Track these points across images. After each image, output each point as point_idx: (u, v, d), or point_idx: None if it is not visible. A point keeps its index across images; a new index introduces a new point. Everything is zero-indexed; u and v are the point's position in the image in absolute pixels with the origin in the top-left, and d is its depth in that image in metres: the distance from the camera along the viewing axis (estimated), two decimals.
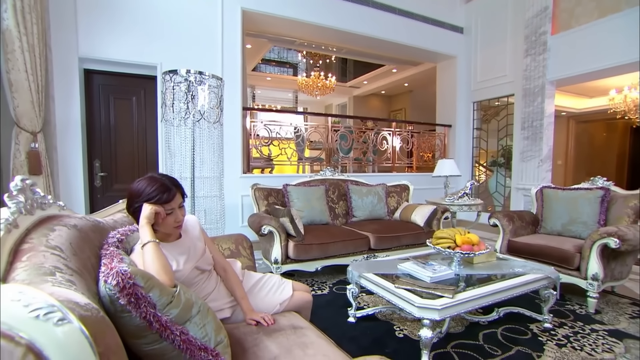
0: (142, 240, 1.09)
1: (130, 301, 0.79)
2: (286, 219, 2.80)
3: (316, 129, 4.88)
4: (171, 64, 3.63)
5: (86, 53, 3.35)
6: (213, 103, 2.49)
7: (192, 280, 1.31)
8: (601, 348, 1.94)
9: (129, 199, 1.19)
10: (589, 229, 2.71)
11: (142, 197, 1.16)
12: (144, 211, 1.14)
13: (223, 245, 1.95)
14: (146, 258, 1.05)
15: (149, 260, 1.04)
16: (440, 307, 1.59)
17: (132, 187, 1.19)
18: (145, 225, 1.11)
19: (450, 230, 2.18)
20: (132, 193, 1.18)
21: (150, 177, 1.20)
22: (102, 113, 3.64)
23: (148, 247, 1.07)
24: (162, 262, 1.04)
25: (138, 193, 1.16)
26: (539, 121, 4.59)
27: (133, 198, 1.17)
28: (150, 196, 1.17)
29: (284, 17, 4.32)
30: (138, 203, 1.15)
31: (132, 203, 1.17)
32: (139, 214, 1.14)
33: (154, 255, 1.04)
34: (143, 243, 1.08)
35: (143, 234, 1.10)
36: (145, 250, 1.06)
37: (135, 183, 1.19)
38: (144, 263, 1.04)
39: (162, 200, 1.18)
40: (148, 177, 1.20)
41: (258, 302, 1.49)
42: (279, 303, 1.51)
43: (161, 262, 1.03)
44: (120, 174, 3.74)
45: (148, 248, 1.06)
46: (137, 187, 1.18)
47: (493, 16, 5.26)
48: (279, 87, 10.15)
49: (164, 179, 1.21)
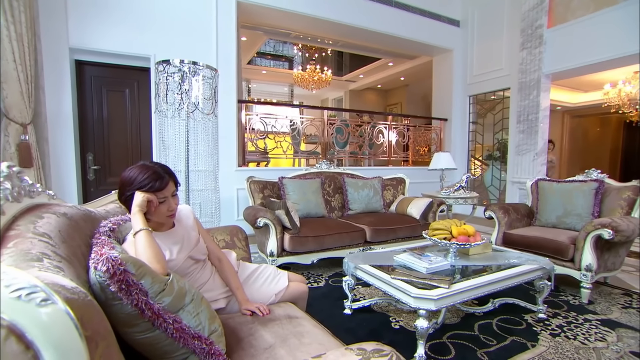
0: (134, 229, 1.07)
1: (122, 288, 0.77)
2: (282, 212, 2.78)
3: (312, 122, 4.85)
4: (165, 55, 3.57)
5: (77, 43, 3.28)
6: (207, 94, 2.46)
7: (186, 270, 1.29)
8: (594, 337, 1.96)
9: (121, 187, 1.16)
10: (584, 221, 2.72)
11: (134, 185, 1.13)
12: (136, 199, 1.11)
13: (218, 236, 1.93)
14: (138, 246, 1.03)
15: (141, 248, 1.02)
16: (437, 297, 1.59)
17: (123, 175, 1.16)
18: (137, 214, 1.09)
19: (446, 221, 2.18)
20: (123, 181, 1.15)
21: (142, 165, 1.17)
22: (94, 105, 3.58)
23: (140, 235, 1.05)
24: (154, 250, 1.02)
25: (130, 181, 1.14)
26: (534, 115, 4.60)
27: (125, 186, 1.15)
28: (142, 184, 1.14)
29: (279, 9, 4.26)
30: (130, 191, 1.13)
31: (124, 191, 1.15)
32: (130, 203, 1.12)
33: (146, 244, 1.02)
34: (135, 231, 1.06)
35: (135, 222, 1.08)
36: (137, 238, 1.04)
37: (126, 171, 1.16)
38: (136, 251, 1.02)
39: (154, 188, 1.16)
40: (140, 164, 1.18)
41: (253, 292, 1.48)
42: (274, 294, 1.50)
43: (153, 250, 1.02)
44: (113, 167, 3.69)
45: (140, 236, 1.04)
46: (128, 174, 1.15)
47: (489, 9, 5.24)
48: (275, 80, 10.07)
49: (156, 166, 1.19)
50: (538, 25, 4.48)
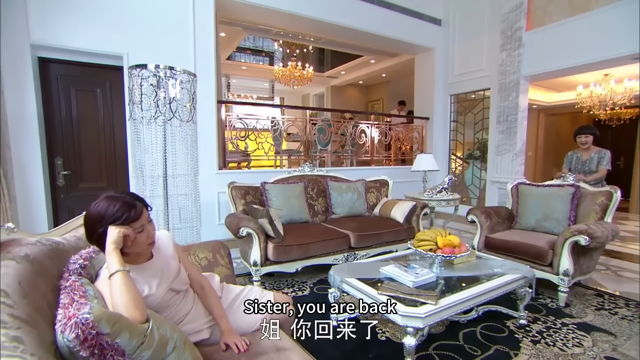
0: (109, 270, 0.98)
1: (94, 353, 0.70)
2: (265, 220, 2.71)
3: (294, 122, 4.76)
4: (139, 54, 3.39)
5: (40, 40, 3.03)
6: (185, 100, 2.33)
7: (166, 303, 1.21)
8: (571, 342, 2.03)
9: (89, 226, 1.06)
10: (561, 225, 2.81)
11: (105, 219, 1.03)
12: (111, 235, 1.02)
13: (200, 254, 1.85)
14: (114, 290, 0.94)
15: (117, 293, 0.93)
16: (424, 315, 1.58)
17: (90, 212, 1.06)
18: (113, 252, 0.99)
19: (431, 231, 2.18)
20: (91, 218, 1.05)
21: (108, 197, 1.08)
22: (62, 106, 3.34)
23: (116, 277, 0.95)
24: (132, 294, 0.94)
25: (99, 216, 1.03)
26: (513, 116, 4.69)
27: (94, 223, 1.04)
28: (115, 216, 1.05)
29: (259, 5, 4.12)
30: (101, 228, 1.03)
31: (95, 229, 1.04)
32: (103, 241, 1.02)
33: (122, 287, 0.94)
34: (111, 273, 0.97)
35: (111, 263, 0.98)
36: (113, 281, 0.95)
37: (91, 207, 1.06)
38: (112, 296, 0.93)
39: (130, 218, 1.07)
40: (105, 197, 1.08)
41: (238, 318, 1.42)
42: (260, 318, 1.44)
43: (131, 295, 0.93)
44: (86, 171, 3.49)
45: (116, 279, 0.95)
46: (96, 210, 1.05)
47: (471, 9, 5.27)
48: (255, 76, 9.84)
49: (123, 195, 1.10)
50: (517, 28, 4.55)
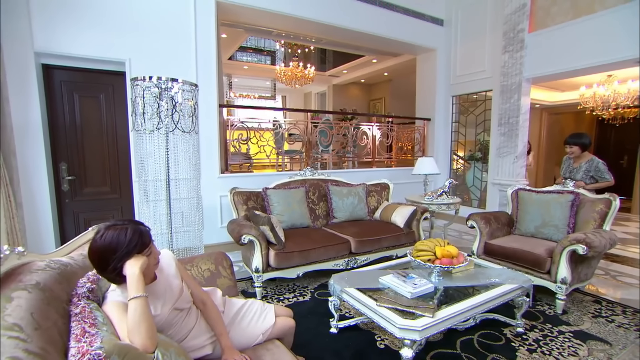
0: (131, 294, 1.00)
1: None
2: (266, 227, 2.75)
3: (295, 125, 4.78)
4: (141, 59, 3.42)
5: (43, 47, 3.06)
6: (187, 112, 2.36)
7: (171, 321, 1.25)
8: (567, 352, 2.06)
9: (103, 259, 1.05)
10: (560, 232, 2.83)
11: (121, 250, 1.05)
12: (137, 263, 1.05)
13: (202, 266, 1.89)
14: (132, 316, 0.96)
15: (135, 321, 0.95)
16: (421, 328, 1.62)
17: (98, 245, 1.05)
18: (140, 277, 1.03)
19: (429, 241, 2.21)
20: (105, 250, 1.05)
21: (111, 226, 1.09)
22: (66, 112, 3.38)
23: (137, 303, 0.98)
24: (148, 323, 0.97)
25: (114, 248, 1.05)
26: (515, 118, 4.69)
27: (109, 256, 1.04)
28: (130, 246, 1.07)
29: (260, 9, 4.11)
30: (117, 259, 1.05)
31: (109, 262, 1.05)
32: (121, 272, 1.05)
33: (141, 316, 0.96)
34: (132, 297, 0.99)
35: (137, 288, 1.01)
36: (133, 306, 0.98)
37: (98, 240, 1.06)
38: (128, 321, 0.96)
39: (145, 245, 1.12)
40: (108, 227, 1.08)
41: (240, 333, 1.47)
42: (261, 333, 1.49)
43: (147, 324, 0.96)
44: (90, 176, 3.53)
45: (137, 304, 0.98)
46: (105, 242, 1.05)
47: (473, 9, 5.24)
48: (257, 75, 9.83)
49: (126, 223, 1.12)
50: (520, 29, 4.53)
